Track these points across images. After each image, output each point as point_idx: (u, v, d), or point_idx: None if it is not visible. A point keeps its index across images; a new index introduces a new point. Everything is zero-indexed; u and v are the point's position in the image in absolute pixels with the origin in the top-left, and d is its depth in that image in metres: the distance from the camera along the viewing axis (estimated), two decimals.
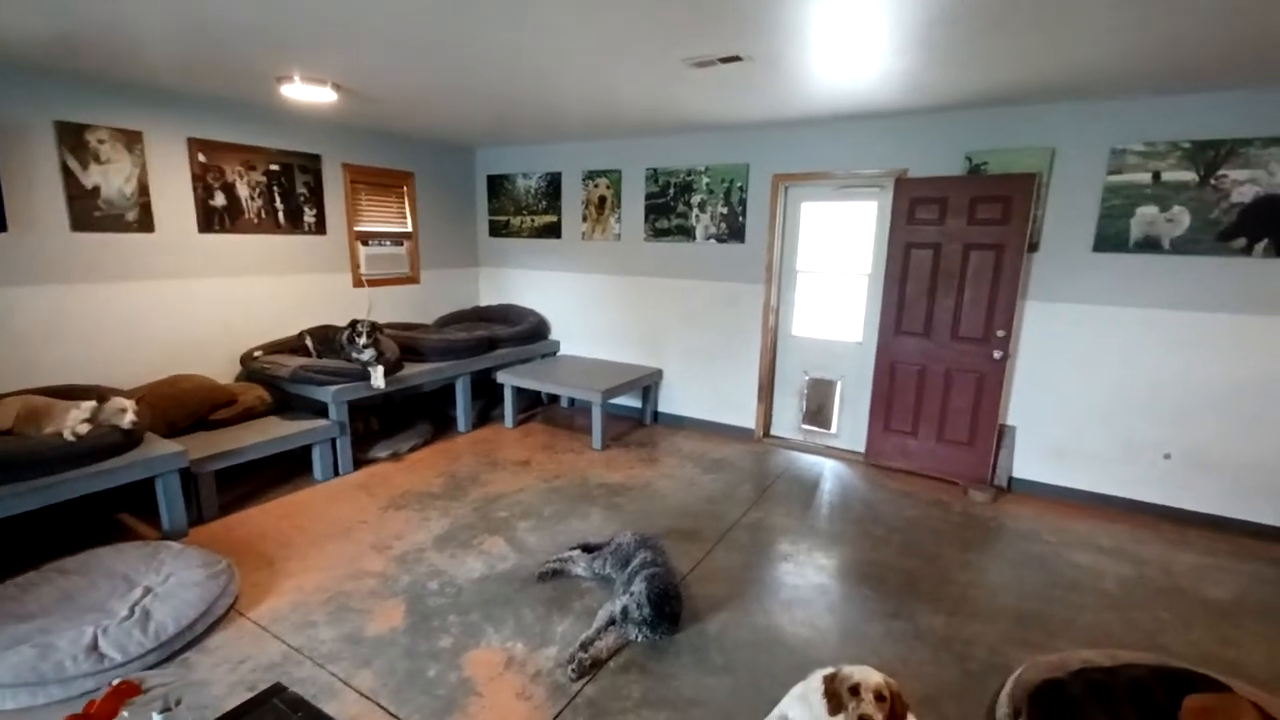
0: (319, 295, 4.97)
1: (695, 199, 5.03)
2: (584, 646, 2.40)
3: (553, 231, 5.90)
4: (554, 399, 6.14)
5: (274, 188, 4.57)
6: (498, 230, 6.29)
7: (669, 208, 5.17)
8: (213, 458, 3.46)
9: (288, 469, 4.18)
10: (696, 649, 2.50)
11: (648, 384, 5.41)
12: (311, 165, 4.79)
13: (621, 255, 5.54)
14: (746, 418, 5.17)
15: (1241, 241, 3.32)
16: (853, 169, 4.38)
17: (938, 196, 4.01)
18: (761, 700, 2.21)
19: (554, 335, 6.13)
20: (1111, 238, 3.62)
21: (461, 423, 5.18)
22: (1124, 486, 3.84)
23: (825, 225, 4.72)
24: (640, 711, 2.16)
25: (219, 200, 4.25)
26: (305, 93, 3.66)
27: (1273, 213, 3.23)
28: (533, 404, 6.00)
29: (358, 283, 5.27)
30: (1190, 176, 3.38)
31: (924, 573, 3.13)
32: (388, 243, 5.52)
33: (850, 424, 4.81)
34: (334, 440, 4.11)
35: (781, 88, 3.44)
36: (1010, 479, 4.18)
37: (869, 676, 1.81)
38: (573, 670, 2.30)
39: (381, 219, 5.47)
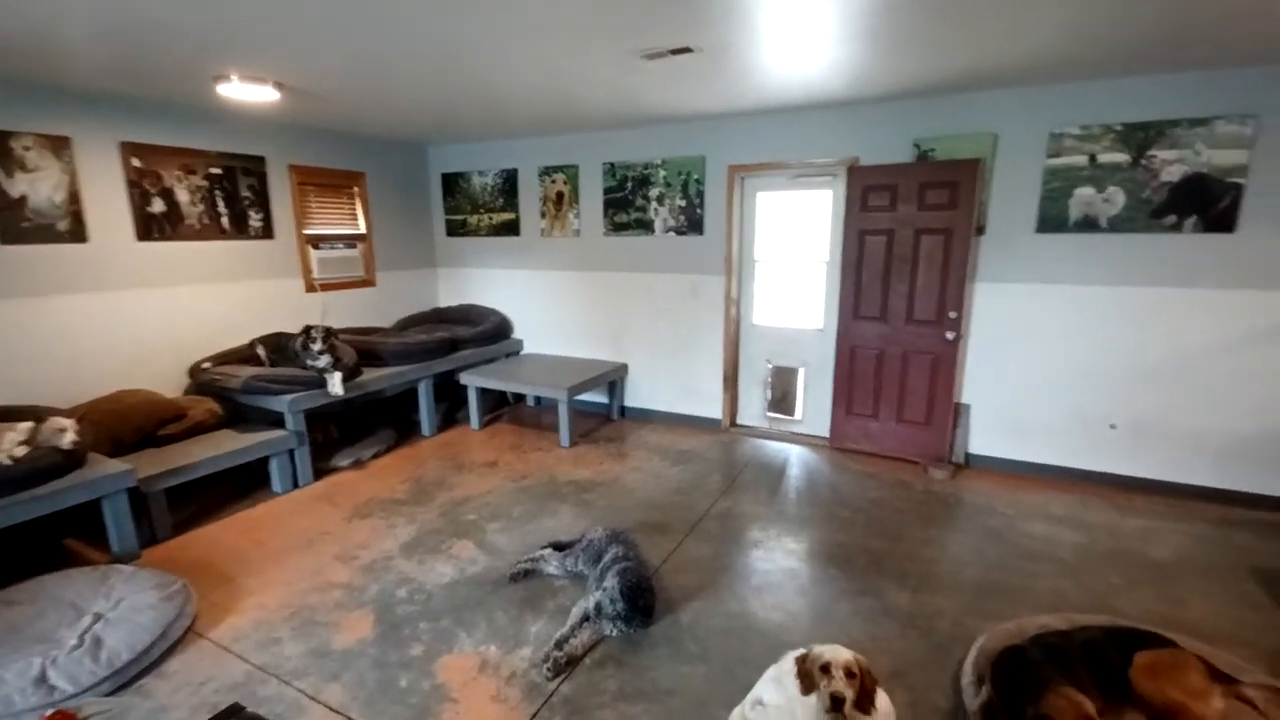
0: (270, 302, 4.81)
1: (653, 192, 5.03)
2: (559, 645, 2.39)
3: (511, 229, 5.83)
4: (520, 398, 6.09)
5: (216, 192, 4.40)
6: (455, 229, 6.18)
7: (627, 202, 5.16)
8: (162, 475, 3.32)
9: (245, 483, 4.05)
10: (671, 639, 2.52)
11: (613, 379, 5.40)
12: (255, 167, 4.63)
13: (582, 251, 5.51)
14: (713, 408, 5.21)
15: (1172, 219, 3.49)
16: (806, 158, 4.44)
17: (888, 183, 4.10)
18: (736, 685, 2.24)
19: (517, 334, 6.07)
20: (1053, 218, 3.76)
21: (426, 427, 5.09)
22: (1073, 457, 4.01)
23: (782, 215, 4.78)
24: (617, 705, 2.17)
25: (157, 206, 4.07)
26: (245, 92, 3.53)
27: (1199, 190, 3.40)
28: (498, 404, 5.93)
29: (310, 287, 5.12)
30: (1123, 158, 3.53)
31: (889, 551, 3.21)
32: (340, 245, 5.37)
33: (814, 409, 4.89)
34: (292, 451, 3.99)
35: (733, 78, 3.46)
36: (967, 455, 4.31)
37: (838, 654, 1.85)
38: (548, 669, 2.29)
39: (333, 221, 5.32)
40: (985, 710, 2.01)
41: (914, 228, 4.08)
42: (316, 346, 4.13)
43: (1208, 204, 3.39)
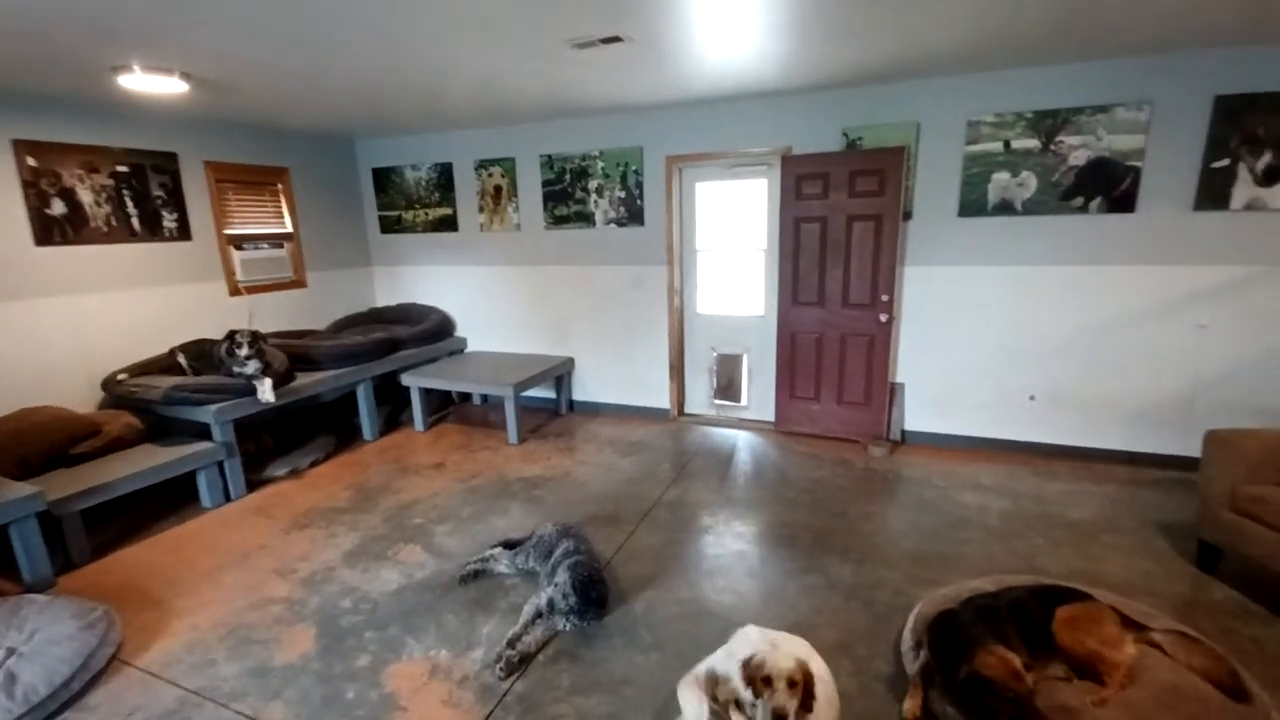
0: (190, 307, 4.55)
1: (592, 184, 5.00)
2: (511, 644, 2.37)
3: (449, 225, 5.69)
4: (466, 397, 5.97)
5: (124, 191, 4.12)
6: (389, 226, 5.98)
7: (567, 194, 5.12)
8: (77, 496, 3.10)
9: (171, 499, 3.83)
10: (625, 630, 2.54)
11: (560, 373, 5.37)
12: (167, 165, 4.35)
13: (523, 245, 5.43)
14: (660, 398, 5.25)
15: (1079, 201, 3.72)
16: (741, 148, 4.50)
17: (820, 172, 4.20)
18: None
19: (460, 332, 5.95)
20: (973, 203, 3.94)
21: (367, 431, 4.93)
22: (998, 428, 4.25)
23: (720, 204, 4.84)
24: (572, 699, 2.17)
25: (58, 208, 3.77)
26: (149, 84, 3.31)
27: (1102, 173, 3.64)
28: (443, 404, 5.80)
29: (235, 290, 4.87)
30: (1034, 144, 3.73)
31: (832, 528, 3.32)
32: (265, 245, 5.12)
33: (759, 395, 5.00)
34: (221, 463, 3.80)
35: (665, 68, 3.47)
36: (903, 432, 4.50)
37: (779, 665, 1.79)
38: (501, 669, 2.27)
39: (256, 220, 5.07)
40: (923, 672, 2.12)
41: (846, 214, 4.20)
42: (243, 352, 3.93)
43: (1110, 186, 3.63)
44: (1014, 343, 4.09)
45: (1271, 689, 2.04)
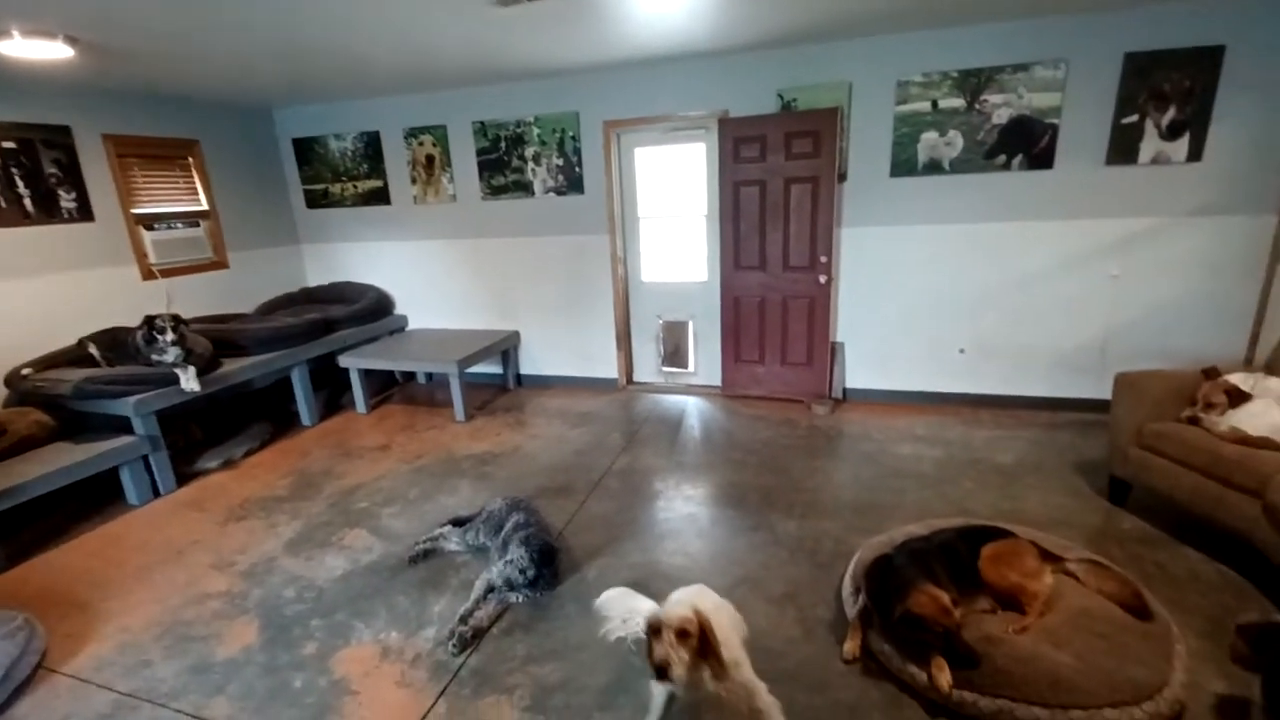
0: (98, 294, 4.23)
1: (529, 152, 4.86)
2: (463, 619, 2.37)
3: (380, 198, 5.45)
4: (410, 377, 5.82)
5: (11, 169, 3.77)
6: (316, 201, 5.69)
7: (503, 163, 4.96)
8: None
9: (93, 498, 3.61)
10: (578, 597, 2.56)
11: (506, 348, 5.28)
12: (59, 139, 3.99)
13: (460, 217, 5.26)
14: (608, 368, 5.25)
15: (1002, 158, 3.85)
16: (678, 111, 4.45)
17: (757, 134, 4.20)
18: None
19: (400, 310, 5.76)
20: (904, 163, 4.03)
21: (305, 416, 4.75)
22: (931, 381, 4.43)
23: (660, 170, 4.80)
24: (528, 668, 2.19)
25: None
26: (31, 50, 3.01)
27: (1023, 131, 3.77)
28: (386, 385, 5.64)
29: (148, 274, 4.55)
30: (960, 103, 3.82)
31: (778, 485, 3.42)
32: (179, 224, 4.79)
33: (705, 360, 5.05)
34: (146, 457, 3.60)
35: (594, 27, 3.36)
36: (845, 390, 4.65)
37: (670, 614, 1.63)
38: (454, 645, 2.26)
39: (167, 197, 4.73)
40: (861, 615, 2.23)
41: (783, 177, 4.23)
42: (166, 338, 3.70)
43: (1030, 143, 3.77)
44: (944, 299, 4.25)
45: (1171, 607, 2.24)
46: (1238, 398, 2.64)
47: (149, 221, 4.57)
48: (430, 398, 5.31)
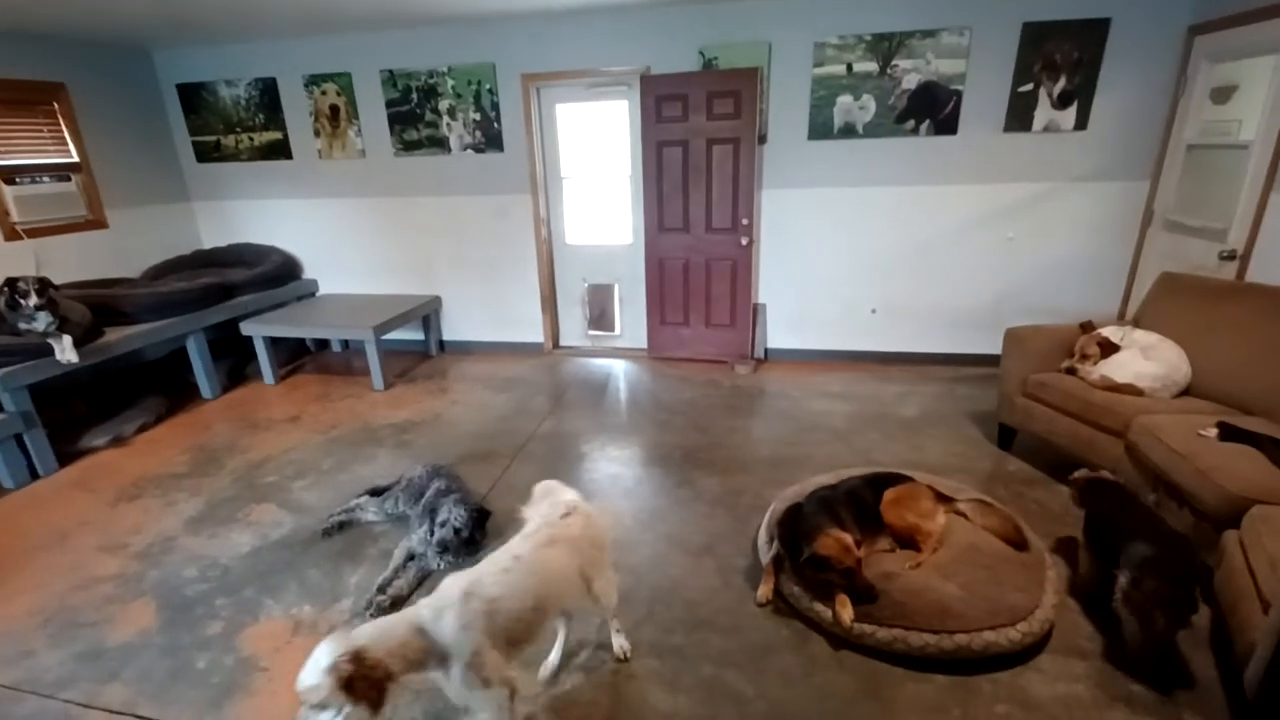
0: None
1: (443, 105, 4.62)
2: (381, 589, 2.32)
3: (280, 151, 5.06)
4: (323, 345, 5.53)
5: None
6: (207, 154, 5.21)
7: (416, 116, 4.70)
8: None
9: None
10: None
11: (426, 313, 5.10)
12: None
13: (370, 174, 4.97)
14: (534, 332, 5.17)
15: (911, 123, 3.99)
16: (600, 66, 4.33)
17: (679, 93, 4.16)
18: None
19: (309, 274, 5.43)
20: (820, 126, 4.11)
21: (206, 388, 4.44)
22: (845, 340, 4.63)
23: (583, 128, 4.68)
24: None
25: None
26: None
27: (930, 97, 3.91)
28: (297, 354, 5.33)
29: (11, 234, 4.08)
30: (873, 67, 3.91)
31: (701, 444, 3.51)
32: (46, 178, 4.29)
33: (631, 323, 5.06)
34: (19, 436, 3.28)
35: None
36: (766, 350, 4.79)
37: (318, 663, 1.33)
38: (371, 615, 2.21)
39: (28, 148, 4.21)
40: (774, 561, 2.34)
41: (705, 138, 4.22)
42: (30, 302, 3.33)
43: (936, 109, 3.92)
44: (858, 261, 4.41)
45: (1047, 538, 2.47)
46: (1108, 349, 2.90)
47: (9, 175, 4.06)
48: (347, 366, 5.08)
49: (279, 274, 5.07)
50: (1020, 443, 3.29)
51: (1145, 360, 2.78)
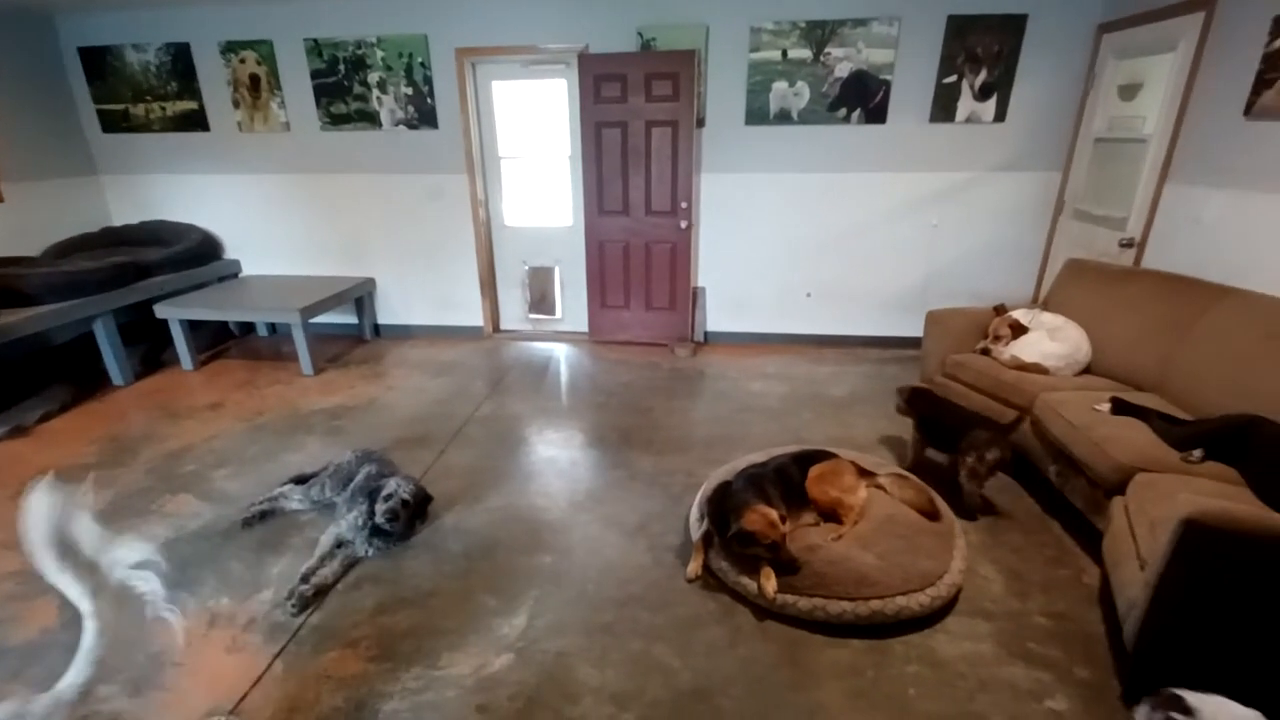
0: None
1: (372, 77, 4.43)
2: (304, 578, 2.26)
3: (197, 123, 4.76)
4: (249, 329, 5.28)
5: None
6: (114, 124, 4.86)
7: (343, 88, 4.49)
8: None
9: None
10: (433, 546, 2.53)
11: (359, 295, 4.93)
12: None
13: (296, 149, 4.74)
14: (473, 316, 5.08)
15: (843, 111, 4.08)
16: (537, 43, 4.24)
17: (618, 73, 4.12)
18: (498, 572, 2.36)
19: (231, 254, 5.15)
20: (757, 111, 4.16)
21: (117, 375, 4.18)
22: (782, 324, 4.74)
23: (521, 107, 4.58)
24: (376, 620, 2.15)
25: None
26: None
27: (861, 86, 4.01)
28: (220, 338, 5.08)
29: None
30: (807, 54, 3.98)
31: (638, 425, 3.55)
32: None
33: (573, 306, 5.03)
34: None
35: None
36: (706, 333, 4.85)
37: None
38: (293, 605, 2.16)
39: None
40: (704, 538, 2.40)
41: (644, 120, 4.21)
42: None
43: (866, 98, 4.02)
44: (794, 245, 4.51)
45: (959, 509, 2.62)
46: (1019, 330, 3.08)
47: None
48: (275, 351, 4.87)
49: (197, 253, 4.80)
50: None
51: (1051, 341, 2.96)
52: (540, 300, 5.08)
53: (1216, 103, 2.93)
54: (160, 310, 4.29)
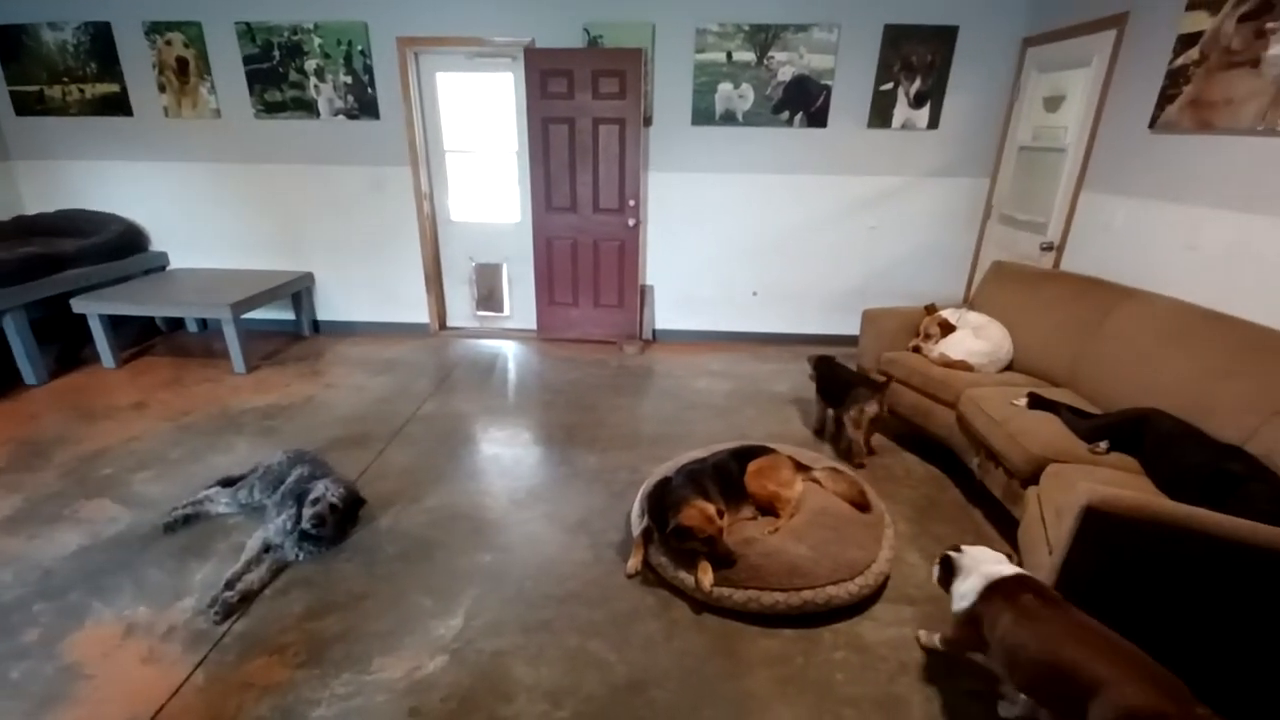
0: None
1: (309, 65, 4.28)
2: (229, 585, 2.17)
3: (118, 106, 4.50)
4: (177, 325, 5.03)
5: None
6: (28, 106, 4.55)
7: (278, 75, 4.33)
8: None
9: None
10: (367, 548, 2.48)
11: (297, 290, 4.76)
12: None
13: (228, 137, 4.54)
14: (418, 313, 4.97)
15: (786, 115, 4.18)
16: (482, 35, 4.18)
17: (564, 69, 4.10)
18: (435, 572, 2.33)
19: (157, 246, 4.90)
20: (703, 111, 4.21)
21: (29, 373, 3.92)
22: (728, 322, 4.83)
23: (467, 100, 4.51)
24: (304, 625, 2.09)
25: None
26: None
27: (803, 90, 4.11)
28: (146, 335, 4.83)
29: None
30: (751, 57, 4.05)
31: (583, 422, 3.55)
32: None
33: (520, 303, 4.99)
34: None
35: None
36: (654, 331, 4.89)
37: None
38: (216, 613, 2.08)
39: None
40: (644, 534, 2.42)
41: (592, 117, 4.20)
42: None
43: (808, 102, 4.12)
44: (740, 245, 4.59)
45: (889, 500, 2.73)
46: (947, 329, 3.22)
47: None
48: (205, 348, 4.66)
49: (119, 245, 4.55)
50: None
51: (976, 339, 3.11)
52: (488, 297, 5.02)
53: (1126, 116, 3.12)
54: (78, 305, 4.04)
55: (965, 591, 1.76)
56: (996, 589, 1.68)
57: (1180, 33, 2.80)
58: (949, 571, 1.85)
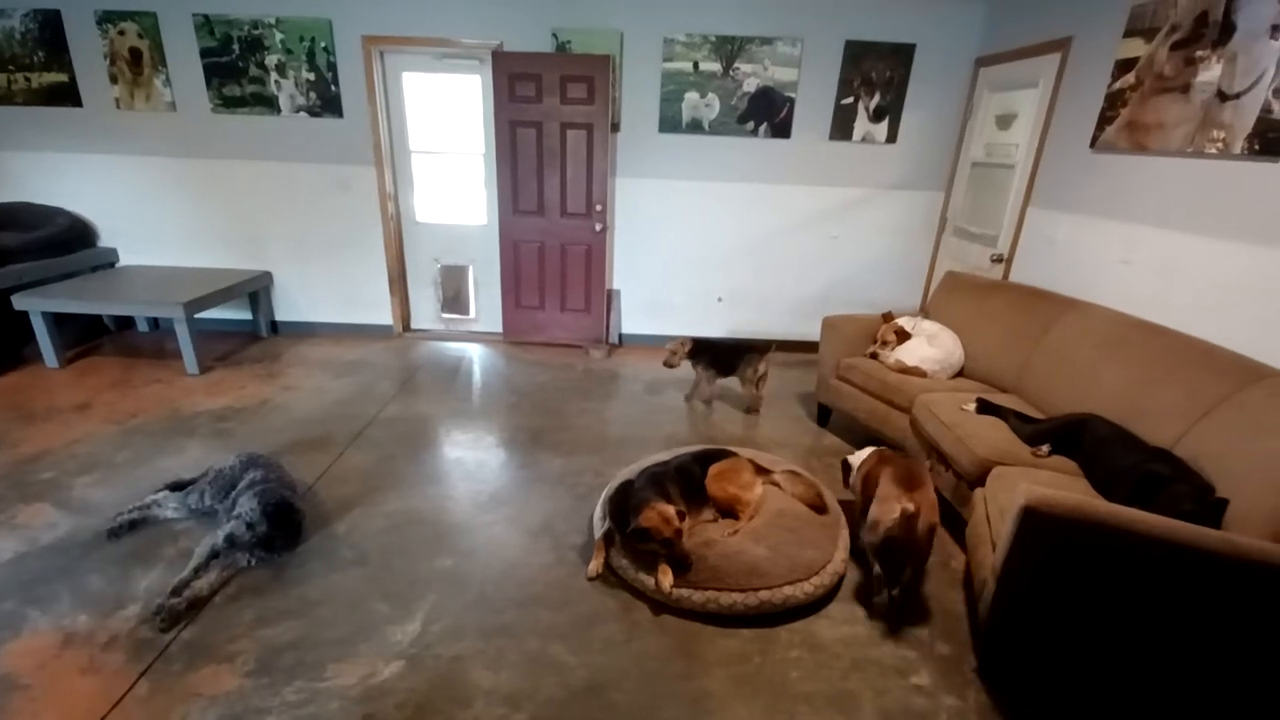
0: None
1: (270, 60, 4.20)
2: (176, 591, 2.11)
3: (67, 97, 4.33)
4: (127, 323, 4.86)
5: None
6: None
7: (237, 69, 4.23)
8: None
9: None
10: (324, 553, 2.43)
11: (254, 289, 4.64)
12: None
13: (183, 131, 4.41)
14: (382, 314, 4.90)
15: (751, 125, 4.26)
16: (449, 36, 4.16)
17: (533, 73, 4.11)
18: (394, 577, 2.30)
19: (106, 241, 4.73)
20: (670, 119, 4.26)
21: None
22: (695, 326, 4.87)
23: (434, 100, 4.48)
24: (255, 633, 2.04)
25: None
26: None
27: (768, 101, 4.20)
28: (93, 333, 4.65)
29: None
30: (717, 67, 4.12)
31: (548, 426, 3.55)
32: None
33: (487, 306, 4.96)
34: None
35: None
36: (620, 335, 4.91)
37: None
38: (162, 621, 2.02)
39: None
40: (605, 536, 2.44)
41: (559, 121, 4.22)
42: None
43: (772, 113, 4.22)
44: (705, 251, 4.65)
45: (845, 503, 2.79)
46: (903, 336, 3.32)
47: None
48: (156, 348, 4.50)
49: (65, 240, 4.37)
50: (835, 420, 3.68)
51: (929, 346, 3.22)
52: (453, 299, 4.98)
53: (1069, 135, 3.28)
54: (19, 301, 3.87)
55: (857, 465, 2.55)
56: (872, 456, 2.50)
57: (1118, 58, 2.96)
58: (847, 469, 2.66)
